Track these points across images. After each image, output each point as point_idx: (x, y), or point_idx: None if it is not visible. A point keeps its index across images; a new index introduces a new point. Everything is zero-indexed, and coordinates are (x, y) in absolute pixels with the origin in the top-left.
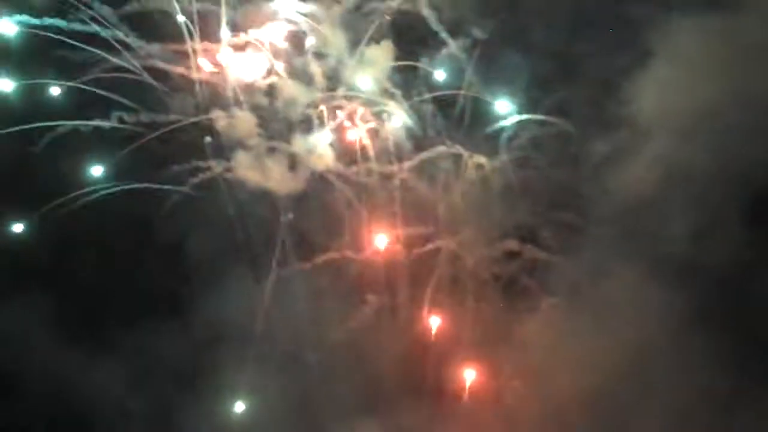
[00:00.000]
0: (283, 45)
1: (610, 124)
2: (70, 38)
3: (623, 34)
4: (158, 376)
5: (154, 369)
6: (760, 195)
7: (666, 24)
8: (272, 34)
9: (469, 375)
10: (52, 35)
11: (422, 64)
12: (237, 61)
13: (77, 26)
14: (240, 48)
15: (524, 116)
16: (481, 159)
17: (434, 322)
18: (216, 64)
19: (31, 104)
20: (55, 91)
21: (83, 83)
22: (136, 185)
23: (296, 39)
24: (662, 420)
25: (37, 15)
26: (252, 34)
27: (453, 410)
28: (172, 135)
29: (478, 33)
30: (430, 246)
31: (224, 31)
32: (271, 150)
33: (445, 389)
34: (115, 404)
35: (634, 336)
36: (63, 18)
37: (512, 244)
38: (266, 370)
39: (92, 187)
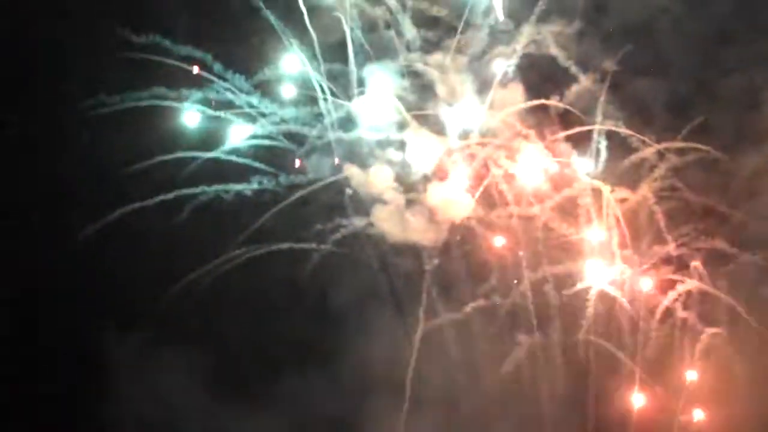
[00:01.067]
0: (413, 97)
1: (758, 141)
2: (207, 108)
3: (763, 45)
4: (312, 426)
5: (308, 420)
6: None
7: None
8: (401, 87)
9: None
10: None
11: (553, 101)
12: (369, 117)
13: (213, 95)
14: (370, 104)
15: (664, 144)
16: (624, 192)
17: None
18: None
19: (172, 175)
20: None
21: (222, 152)
22: (280, 245)
23: (425, 90)
24: None
25: (174, 86)
26: (381, 90)
27: None
28: (312, 195)
29: (608, 64)
30: (579, 286)
31: (354, 89)
32: (410, 202)
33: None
34: None
35: None
36: (199, 89)
37: (664, 277)
38: (420, 419)
39: (238, 251)
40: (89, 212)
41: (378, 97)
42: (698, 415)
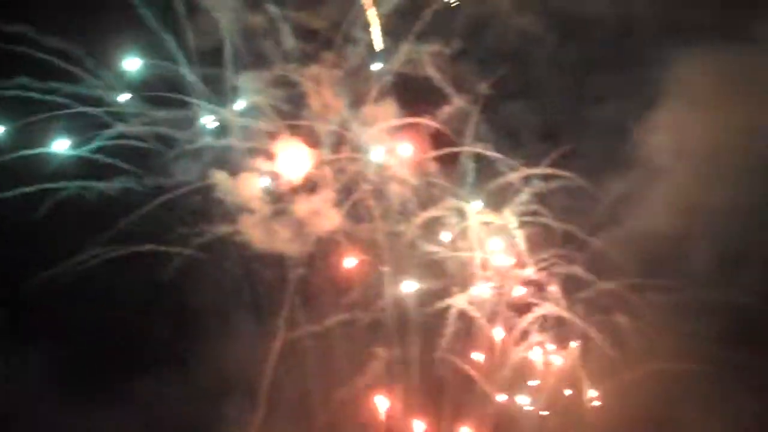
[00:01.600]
0: (286, 107)
1: (622, 169)
2: (75, 102)
3: (633, 75)
4: (165, 428)
5: (161, 421)
6: None
7: (676, 62)
8: (275, 97)
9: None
10: (57, 99)
11: (425, 120)
12: (241, 125)
13: (83, 90)
14: (244, 112)
15: (530, 170)
16: (488, 215)
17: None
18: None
19: (35, 169)
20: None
21: (88, 150)
22: (142, 248)
23: (299, 101)
24: None
25: (42, 78)
26: (255, 98)
27: None
28: (177, 199)
29: (482, 87)
30: (441, 303)
31: (228, 95)
32: (277, 212)
33: None
34: None
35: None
36: (69, 82)
37: (522, 300)
38: (273, 427)
39: (98, 251)
40: None
41: (251, 105)
42: None
